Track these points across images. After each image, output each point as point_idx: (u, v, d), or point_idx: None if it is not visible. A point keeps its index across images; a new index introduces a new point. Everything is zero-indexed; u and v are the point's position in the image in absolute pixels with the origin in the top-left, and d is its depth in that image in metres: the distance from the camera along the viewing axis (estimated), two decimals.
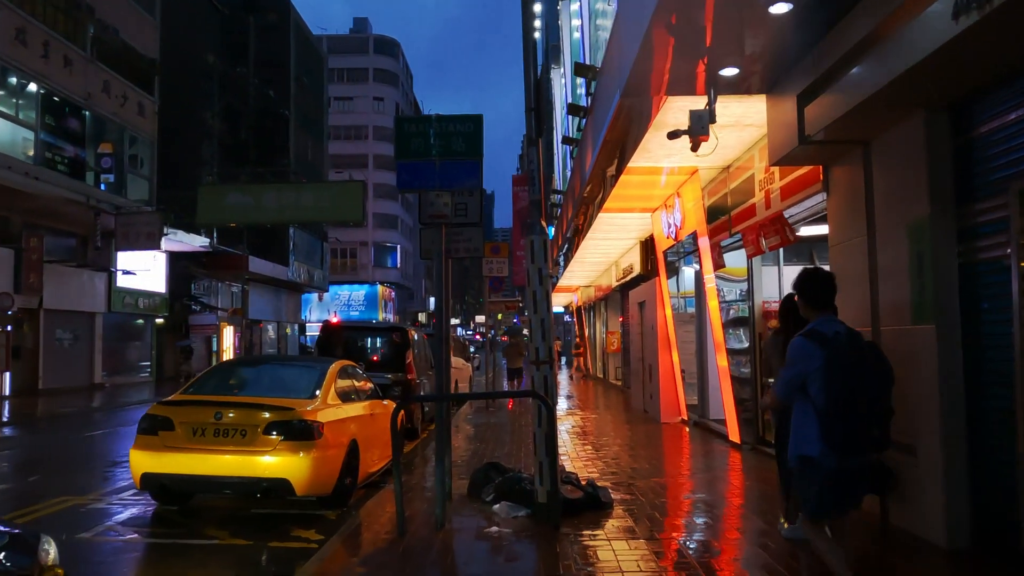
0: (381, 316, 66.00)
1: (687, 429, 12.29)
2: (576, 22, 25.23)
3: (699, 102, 6.97)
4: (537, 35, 32.63)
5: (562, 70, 32.45)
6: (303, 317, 53.54)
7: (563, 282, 28.10)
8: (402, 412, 6.91)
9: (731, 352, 10.39)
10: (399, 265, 73.77)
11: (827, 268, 6.44)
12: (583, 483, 6.85)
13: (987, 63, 4.48)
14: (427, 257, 7.13)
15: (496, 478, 6.98)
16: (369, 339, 12.48)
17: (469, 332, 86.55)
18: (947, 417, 5.09)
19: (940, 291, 5.13)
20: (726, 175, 10.08)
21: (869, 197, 6.02)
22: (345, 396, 7.70)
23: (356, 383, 8.38)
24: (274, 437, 6.35)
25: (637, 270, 17.38)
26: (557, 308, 57.40)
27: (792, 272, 10.40)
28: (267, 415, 6.44)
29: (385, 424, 7.02)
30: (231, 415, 6.47)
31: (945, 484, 5.07)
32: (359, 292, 67.48)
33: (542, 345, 5.97)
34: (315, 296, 59.22)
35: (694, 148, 6.91)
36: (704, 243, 10.56)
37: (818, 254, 8.93)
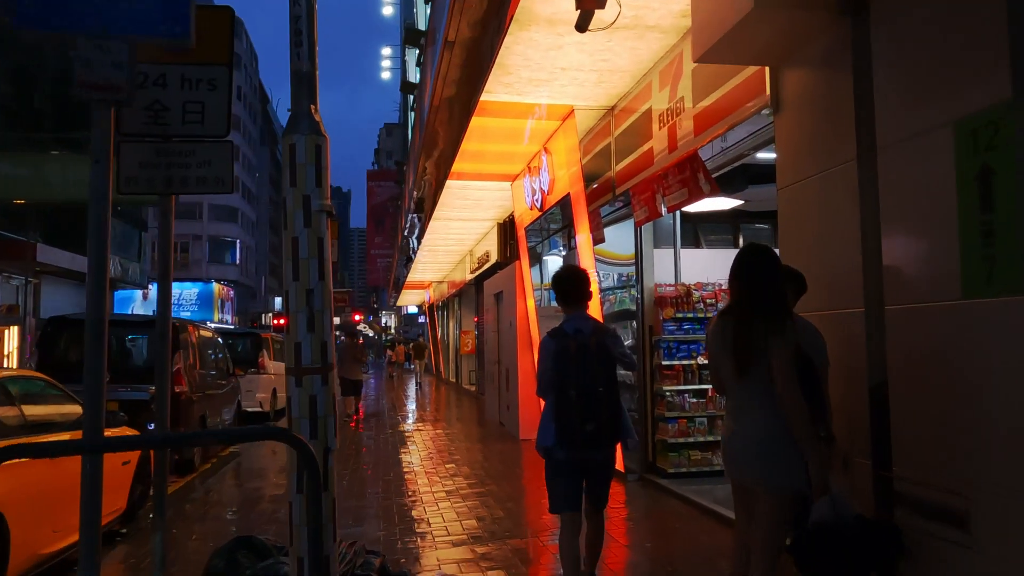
0: (217, 317, 60.45)
1: None
2: None
3: None
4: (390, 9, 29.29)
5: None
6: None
7: (414, 277, 25.17)
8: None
9: None
10: (239, 261, 68.24)
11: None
12: (393, 573, 4.08)
13: None
14: (129, 191, 4.10)
15: (247, 568, 4.07)
16: (125, 339, 8.93)
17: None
18: None
19: None
20: (610, 119, 7.66)
21: (864, 95, 3.66)
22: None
23: (38, 408, 5.16)
24: None
25: (494, 258, 14.82)
26: (411, 308, 54.34)
27: (693, 256, 8.35)
28: None
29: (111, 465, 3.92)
30: None
31: None
32: (191, 291, 62.11)
33: (307, 339, 3.14)
34: (139, 294, 53.69)
35: (581, 25, 4.32)
36: (580, 204, 8.07)
37: (742, 231, 6.68)
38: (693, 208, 6.69)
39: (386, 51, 39.23)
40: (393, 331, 68.61)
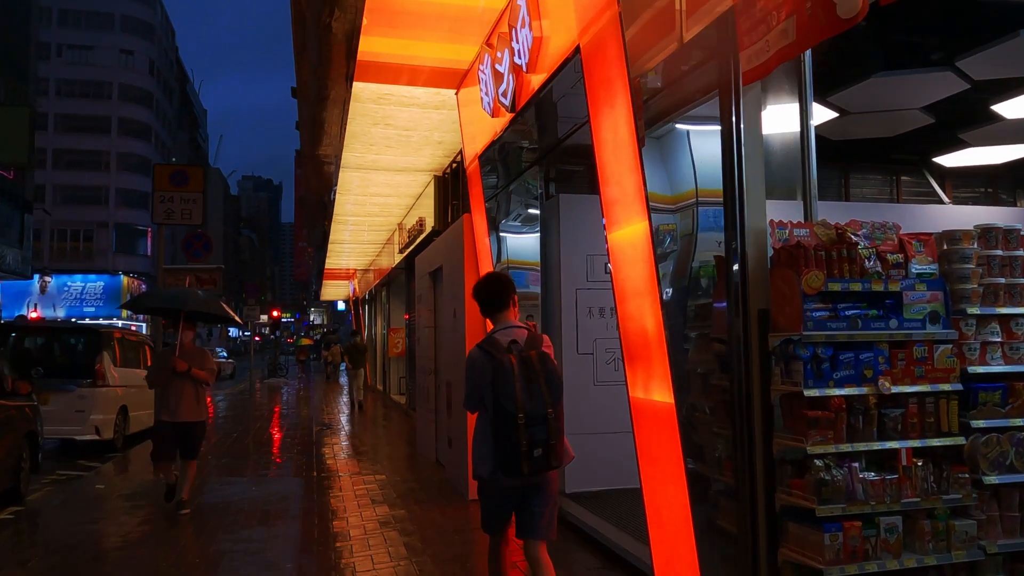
0: (125, 314, 54.62)
1: None
2: None
3: None
4: None
5: None
6: (13, 314, 42.30)
7: (333, 262, 20.65)
8: None
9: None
10: (150, 252, 62.25)
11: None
12: None
13: None
14: None
15: None
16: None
17: (246, 333, 76.50)
18: None
19: None
20: None
21: None
22: None
23: None
24: None
25: (430, 225, 10.64)
26: (340, 304, 49.28)
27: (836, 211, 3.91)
28: None
29: None
30: None
31: None
32: (96, 284, 56.20)
33: None
34: (36, 287, 48.13)
35: None
36: (608, 53, 3.93)
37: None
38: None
39: None
40: (324, 329, 63.50)
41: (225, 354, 35.58)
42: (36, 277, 44.62)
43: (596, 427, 6.06)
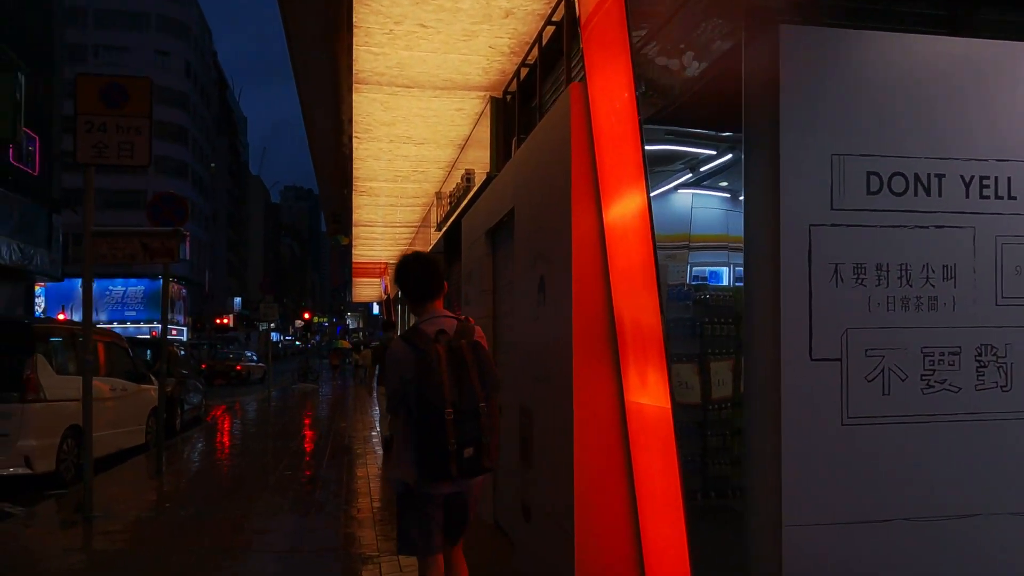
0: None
1: None
2: None
3: None
4: None
5: None
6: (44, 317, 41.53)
7: (361, 253, 17.59)
8: None
9: None
10: (189, 257, 61.76)
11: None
12: None
13: None
14: None
15: None
16: None
17: (288, 337, 74.70)
18: None
19: None
20: None
21: None
22: None
23: None
24: None
25: (482, 175, 7.43)
26: (371, 304, 46.38)
27: None
28: None
29: None
30: None
31: None
32: (137, 288, 57.44)
33: None
34: (78, 291, 48.01)
35: None
36: None
37: None
38: None
39: None
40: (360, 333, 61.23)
41: (256, 358, 33.15)
42: (101, 283, 44.22)
43: (863, 511, 2.79)
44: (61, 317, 41.97)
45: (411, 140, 8.36)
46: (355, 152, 8.80)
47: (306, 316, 50.16)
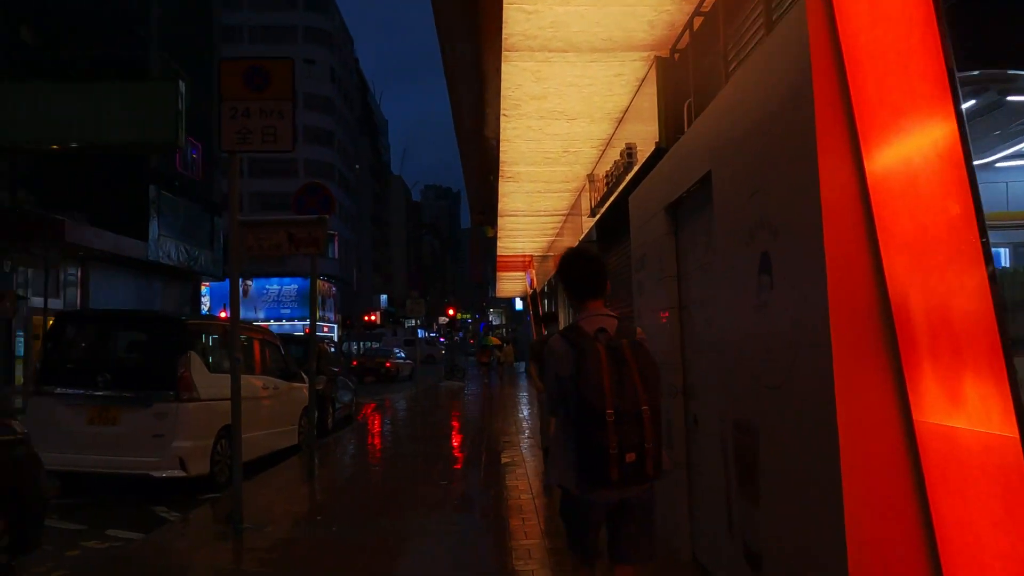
0: (318, 316, 56.20)
1: None
2: None
3: None
4: None
5: None
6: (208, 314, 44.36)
7: (505, 245, 17.07)
8: None
9: None
10: (337, 256, 64.28)
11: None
12: None
13: None
14: None
15: None
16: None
17: (433, 333, 76.42)
18: None
19: None
20: None
21: None
22: None
23: None
24: None
25: (649, 148, 6.51)
26: (514, 300, 45.95)
27: None
28: None
29: None
30: None
31: None
32: (291, 287, 60.24)
33: None
34: (241, 290, 51.17)
35: None
36: None
37: None
38: None
39: None
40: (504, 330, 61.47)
41: (403, 355, 33.57)
42: (258, 283, 46.91)
43: None
44: (223, 315, 44.69)
45: (563, 115, 7.57)
46: (502, 133, 8.12)
47: (450, 312, 50.65)
